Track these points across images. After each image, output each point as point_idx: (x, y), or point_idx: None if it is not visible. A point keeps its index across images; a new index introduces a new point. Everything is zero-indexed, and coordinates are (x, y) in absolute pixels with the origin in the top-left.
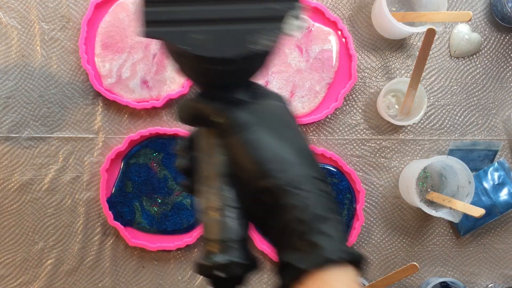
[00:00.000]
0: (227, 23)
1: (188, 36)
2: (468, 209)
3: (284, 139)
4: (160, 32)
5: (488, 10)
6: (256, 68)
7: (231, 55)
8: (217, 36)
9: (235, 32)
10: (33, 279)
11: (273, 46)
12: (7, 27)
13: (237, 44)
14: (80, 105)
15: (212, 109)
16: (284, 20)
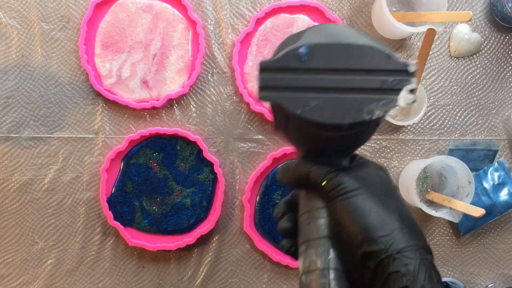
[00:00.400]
0: (343, 92)
1: (305, 102)
2: (468, 209)
3: (388, 207)
4: (276, 96)
5: (488, 10)
6: (363, 138)
7: (347, 122)
8: (333, 104)
9: (352, 100)
10: (33, 279)
11: (384, 115)
12: (7, 27)
13: (352, 112)
14: (80, 105)
15: (318, 173)
16: (398, 92)
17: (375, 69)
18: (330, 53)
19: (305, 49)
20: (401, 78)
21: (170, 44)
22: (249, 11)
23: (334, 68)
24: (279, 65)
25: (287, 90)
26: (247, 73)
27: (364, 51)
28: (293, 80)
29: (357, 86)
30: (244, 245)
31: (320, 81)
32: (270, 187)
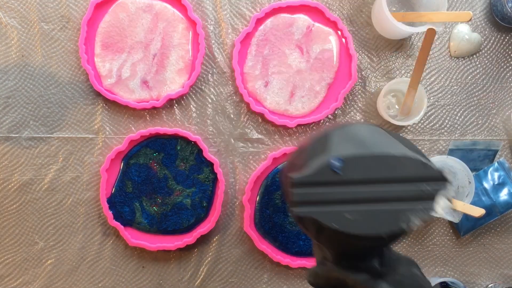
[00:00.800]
0: (380, 203)
1: (341, 215)
2: (468, 209)
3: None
4: (312, 211)
5: (488, 10)
6: (395, 241)
7: (384, 233)
8: (370, 215)
9: (388, 211)
10: (33, 279)
11: (422, 224)
12: (7, 27)
13: (390, 223)
14: (80, 105)
15: (355, 280)
16: (434, 199)
17: (411, 177)
18: (365, 164)
19: (338, 162)
20: (437, 185)
21: (170, 44)
22: (249, 11)
23: (370, 180)
24: (313, 180)
25: (322, 204)
26: (247, 73)
27: (399, 161)
28: (328, 194)
29: (393, 196)
30: (244, 245)
31: (356, 193)
32: (270, 187)
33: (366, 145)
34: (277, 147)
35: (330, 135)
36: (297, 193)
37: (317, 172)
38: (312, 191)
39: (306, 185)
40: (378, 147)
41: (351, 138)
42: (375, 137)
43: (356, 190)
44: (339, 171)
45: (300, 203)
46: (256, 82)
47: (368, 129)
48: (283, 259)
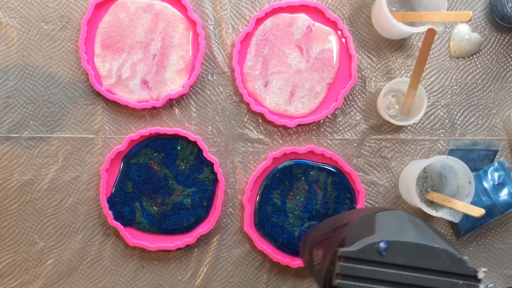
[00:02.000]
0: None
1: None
2: (468, 209)
3: None
4: (351, 285)
5: (488, 10)
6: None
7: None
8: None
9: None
10: (33, 279)
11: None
12: (7, 27)
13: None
14: (80, 105)
15: None
16: (480, 281)
17: (447, 271)
18: (407, 251)
19: (385, 244)
20: (470, 283)
21: (171, 44)
22: (249, 11)
23: (410, 265)
24: (359, 256)
25: (364, 281)
26: (246, 73)
27: (439, 253)
28: (371, 272)
29: (428, 285)
30: (244, 245)
31: (396, 276)
32: (270, 187)
33: (410, 233)
34: (277, 147)
35: (375, 217)
36: (343, 266)
37: (364, 250)
38: (356, 266)
39: (352, 260)
40: (421, 237)
41: (396, 224)
42: (419, 227)
43: (397, 273)
44: (383, 253)
45: (344, 276)
46: (256, 82)
47: (411, 218)
48: (283, 259)
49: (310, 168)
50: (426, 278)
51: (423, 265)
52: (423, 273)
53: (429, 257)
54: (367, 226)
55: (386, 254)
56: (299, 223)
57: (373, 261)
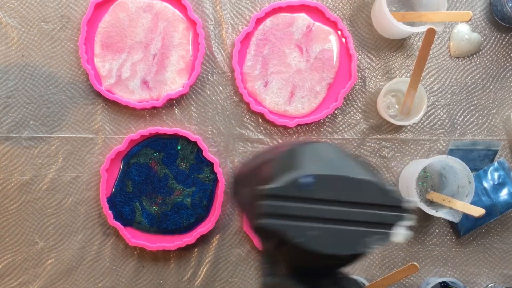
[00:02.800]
0: (342, 224)
1: (305, 231)
2: (468, 209)
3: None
4: (278, 224)
5: (488, 10)
6: (350, 263)
7: (345, 253)
8: (333, 235)
9: (349, 233)
10: (33, 279)
11: (379, 248)
12: (7, 27)
13: (351, 244)
14: (80, 105)
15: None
16: (393, 227)
17: (373, 203)
18: (331, 184)
19: (307, 179)
20: (397, 214)
21: (171, 44)
22: (249, 11)
23: (335, 199)
24: (282, 193)
25: (288, 218)
26: (246, 73)
27: (364, 185)
28: (295, 209)
29: (355, 219)
30: (244, 245)
31: (321, 212)
32: None
33: (334, 166)
34: None
35: (297, 151)
36: (265, 204)
37: (286, 187)
38: (280, 204)
39: (274, 198)
40: (346, 169)
41: (321, 157)
42: (343, 158)
43: (322, 209)
44: (308, 188)
45: (267, 215)
46: (256, 82)
47: (335, 150)
48: None
49: None
50: (353, 212)
51: (349, 198)
52: (349, 207)
53: (355, 190)
54: (290, 160)
55: (312, 189)
56: None
57: (298, 197)
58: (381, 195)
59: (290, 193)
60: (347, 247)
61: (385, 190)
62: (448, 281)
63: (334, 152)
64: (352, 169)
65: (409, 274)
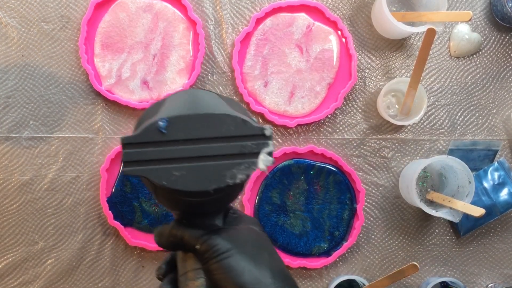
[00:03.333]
0: (205, 160)
1: (168, 173)
2: (468, 209)
3: (261, 263)
4: (140, 170)
5: (488, 10)
6: (231, 198)
7: (210, 188)
8: (197, 172)
9: (214, 167)
10: (33, 279)
11: (247, 178)
12: (7, 27)
13: (215, 178)
14: (80, 105)
15: (192, 237)
16: (258, 156)
17: (233, 135)
18: (189, 124)
19: (164, 122)
20: (258, 142)
21: (171, 44)
22: (249, 11)
23: (194, 138)
24: (141, 140)
25: (150, 163)
26: (246, 73)
27: (221, 119)
28: (155, 152)
29: (218, 153)
30: None
31: (182, 152)
32: (269, 186)
33: (193, 106)
34: (277, 147)
35: (164, 99)
36: (126, 153)
37: (144, 133)
38: (140, 150)
39: (135, 146)
40: (204, 108)
41: (181, 101)
42: (204, 99)
43: (182, 148)
44: (164, 131)
45: (130, 162)
46: (256, 82)
47: (198, 93)
48: (283, 259)
49: (310, 168)
50: (214, 147)
51: (208, 134)
52: (210, 142)
53: (212, 126)
54: (155, 108)
55: (168, 132)
56: (299, 223)
57: (156, 141)
58: (241, 127)
59: (149, 139)
60: (214, 181)
61: (245, 121)
62: (448, 281)
63: (198, 94)
64: (214, 107)
65: (409, 274)
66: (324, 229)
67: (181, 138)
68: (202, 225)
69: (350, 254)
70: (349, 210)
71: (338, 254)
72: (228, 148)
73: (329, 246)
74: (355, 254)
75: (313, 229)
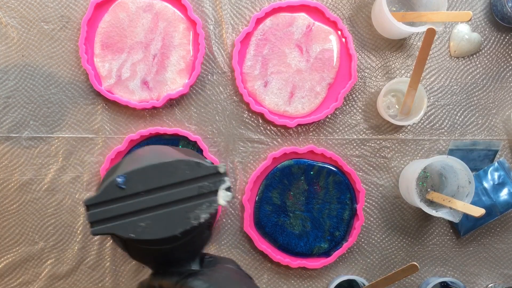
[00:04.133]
0: (167, 207)
1: (134, 225)
2: (468, 209)
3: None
4: (107, 227)
5: (488, 10)
6: (202, 241)
7: (177, 232)
8: (161, 219)
9: (177, 212)
10: (33, 279)
11: (212, 217)
12: (7, 27)
13: (180, 222)
14: (80, 105)
15: (168, 283)
16: (217, 193)
17: (190, 178)
18: (146, 175)
19: (121, 178)
20: (215, 180)
21: (171, 44)
22: (249, 11)
23: (153, 187)
24: (103, 199)
25: (115, 219)
26: (246, 73)
27: (176, 166)
28: (118, 208)
29: (178, 198)
30: (244, 245)
31: (144, 203)
32: (269, 186)
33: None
34: (277, 147)
35: (121, 161)
36: (91, 214)
37: (105, 192)
38: (104, 209)
39: (98, 205)
40: (157, 158)
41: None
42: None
43: (143, 200)
44: (123, 186)
45: (96, 222)
46: (256, 82)
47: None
48: (283, 259)
49: (310, 168)
50: (173, 193)
51: (165, 182)
52: (168, 190)
53: (168, 173)
54: (114, 169)
55: (127, 186)
56: (299, 223)
57: (118, 197)
58: (196, 169)
59: (110, 197)
60: (179, 225)
61: (198, 163)
62: (448, 281)
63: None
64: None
65: (409, 274)
66: (324, 229)
67: (141, 190)
68: (178, 272)
69: (350, 254)
70: (349, 210)
71: (338, 254)
72: (187, 192)
73: (329, 246)
74: (355, 254)
75: (313, 229)
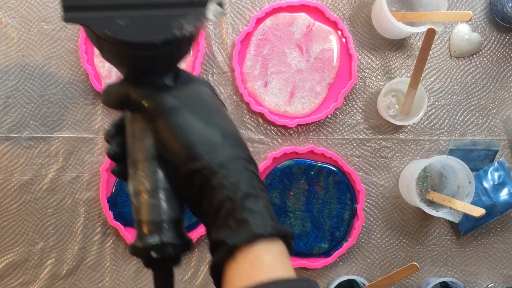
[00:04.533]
0: (151, 9)
1: (111, 21)
2: (468, 209)
3: (211, 123)
4: (81, 17)
5: (488, 10)
6: (180, 54)
7: (156, 40)
8: (141, 21)
9: (160, 17)
10: (33, 279)
11: (196, 31)
12: (7, 27)
13: (162, 29)
14: (80, 105)
15: (138, 94)
16: (207, 5)
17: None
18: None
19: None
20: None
21: None
22: (249, 11)
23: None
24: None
25: (92, 9)
26: (246, 73)
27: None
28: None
29: (164, 2)
30: None
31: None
32: (269, 186)
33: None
34: (277, 147)
35: None
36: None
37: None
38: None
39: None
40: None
41: None
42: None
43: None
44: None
45: (71, 7)
46: (256, 82)
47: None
48: None
49: (310, 168)
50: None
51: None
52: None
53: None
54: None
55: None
56: (300, 223)
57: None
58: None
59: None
60: (159, 32)
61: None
62: (448, 281)
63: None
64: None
65: (409, 274)
66: (324, 229)
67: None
68: (150, 83)
69: (350, 254)
70: (349, 210)
71: (338, 254)
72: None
73: (329, 246)
74: (355, 254)
75: (313, 229)
